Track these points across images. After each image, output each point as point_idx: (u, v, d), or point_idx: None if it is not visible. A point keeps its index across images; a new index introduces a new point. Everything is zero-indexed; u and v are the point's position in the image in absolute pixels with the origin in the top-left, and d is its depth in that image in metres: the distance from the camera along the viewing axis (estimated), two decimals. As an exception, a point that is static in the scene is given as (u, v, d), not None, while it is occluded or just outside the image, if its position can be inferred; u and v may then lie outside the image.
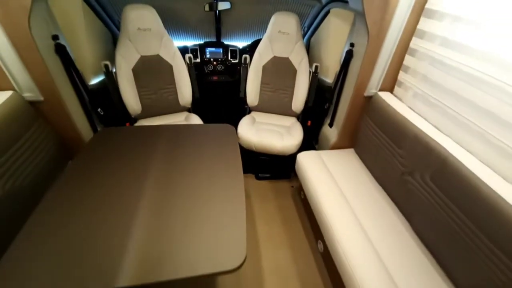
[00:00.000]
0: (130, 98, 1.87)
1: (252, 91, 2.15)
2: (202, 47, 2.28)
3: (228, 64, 2.32)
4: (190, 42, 2.46)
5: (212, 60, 2.29)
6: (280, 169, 2.21)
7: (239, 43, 2.53)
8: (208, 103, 2.32)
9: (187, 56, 2.03)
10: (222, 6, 2.10)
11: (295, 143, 1.88)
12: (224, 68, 2.31)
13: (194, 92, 2.08)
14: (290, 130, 2.04)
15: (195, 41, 2.49)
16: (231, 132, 1.53)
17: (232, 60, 2.32)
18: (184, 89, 2.03)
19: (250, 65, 2.12)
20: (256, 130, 1.99)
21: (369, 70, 1.58)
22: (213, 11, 2.16)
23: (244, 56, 2.16)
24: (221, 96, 2.42)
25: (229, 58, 2.31)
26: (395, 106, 1.49)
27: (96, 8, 1.86)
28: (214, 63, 2.29)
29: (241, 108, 2.30)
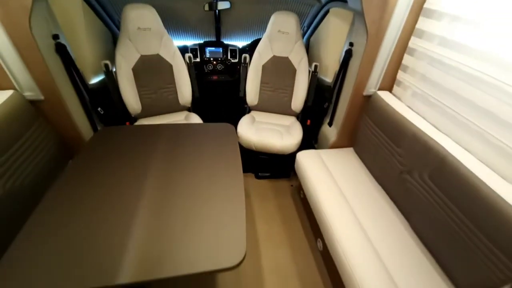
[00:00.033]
0: (130, 98, 1.87)
1: (252, 90, 2.15)
2: (202, 47, 2.28)
3: (228, 63, 2.32)
4: (190, 41, 2.46)
5: (212, 59, 2.29)
6: (279, 168, 2.22)
7: (238, 42, 2.53)
8: (208, 102, 2.32)
9: (187, 55, 2.04)
10: (222, 5, 2.10)
11: (294, 142, 1.89)
12: (223, 67, 2.32)
13: (194, 92, 2.09)
14: (290, 129, 2.05)
15: (195, 40, 2.49)
16: (231, 131, 1.54)
17: (231, 60, 2.32)
18: (184, 88, 2.03)
19: (249, 64, 2.12)
20: (255, 129, 1.99)
21: (368, 70, 1.58)
22: (212, 11, 2.17)
23: (243, 55, 2.16)
24: (220, 95, 2.42)
25: (228, 58, 2.32)
26: (394, 105, 1.50)
27: (96, 8, 1.87)
28: (214, 62, 2.29)
29: (240, 107, 2.30)
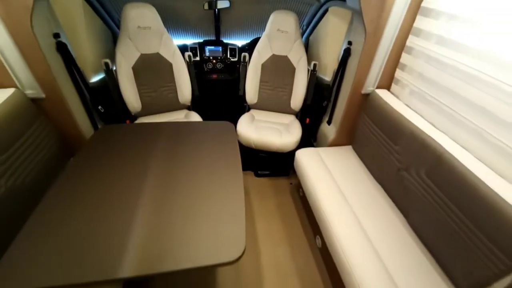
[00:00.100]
0: (130, 96, 1.88)
1: (251, 89, 2.16)
2: (202, 46, 2.29)
3: (228, 62, 2.33)
4: (189, 40, 2.47)
5: (212, 58, 2.30)
6: (279, 166, 2.23)
7: (238, 41, 2.54)
8: (208, 101, 2.33)
9: (187, 54, 2.05)
10: (221, 4, 2.11)
11: (293, 140, 1.90)
12: (223, 66, 2.33)
13: (193, 90, 2.10)
14: (289, 128, 2.06)
15: (195, 39, 2.50)
16: (230, 129, 1.55)
17: (231, 59, 2.33)
18: (184, 87, 2.04)
19: (249, 63, 2.13)
20: (255, 127, 2.00)
21: (366, 68, 1.60)
22: (212, 10, 2.18)
23: (243, 54, 2.17)
24: (220, 94, 2.43)
25: (228, 57, 2.33)
26: (392, 103, 1.51)
27: (96, 7, 1.88)
28: (214, 61, 2.30)
29: (240, 106, 2.31)
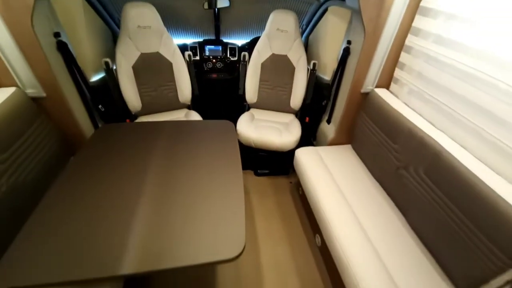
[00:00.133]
0: (131, 95, 1.89)
1: (251, 88, 2.17)
2: (202, 45, 2.29)
3: (227, 61, 2.34)
4: (189, 39, 2.48)
5: (211, 57, 2.31)
6: (278, 165, 2.24)
7: (238, 40, 2.55)
8: (208, 100, 2.34)
9: (187, 53, 2.05)
10: (221, 4, 2.11)
11: (293, 139, 1.91)
12: (223, 65, 2.33)
13: (193, 89, 2.10)
14: (289, 127, 2.07)
15: (195, 38, 2.50)
16: (230, 128, 1.55)
17: (231, 58, 2.34)
18: (184, 86, 2.05)
19: (249, 62, 2.14)
20: (255, 126, 2.01)
21: (365, 67, 1.60)
22: (212, 9, 2.18)
23: (243, 53, 2.18)
24: (220, 93, 2.44)
25: (228, 56, 2.33)
26: (391, 102, 1.52)
27: (96, 6, 1.88)
28: (213, 60, 2.31)
29: (240, 105, 2.32)
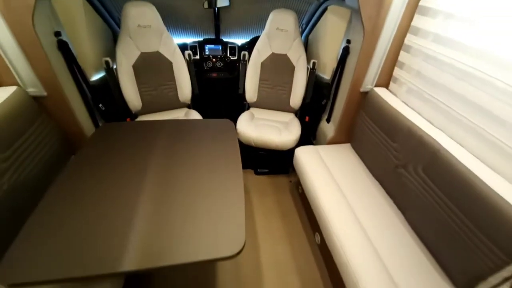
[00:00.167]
0: (131, 94, 1.89)
1: (251, 87, 2.17)
2: (201, 44, 2.30)
3: (227, 61, 2.34)
4: (189, 39, 2.48)
5: (211, 57, 2.31)
6: (278, 164, 2.25)
7: (238, 40, 2.55)
8: (208, 99, 2.34)
9: (187, 53, 2.06)
10: (221, 3, 2.12)
11: (293, 138, 1.92)
12: (223, 65, 2.34)
13: (193, 89, 2.11)
14: (288, 126, 2.07)
15: (194, 38, 2.51)
16: (230, 127, 1.56)
17: (231, 57, 2.34)
18: (184, 85, 2.05)
19: (248, 62, 2.14)
20: (255, 125, 2.02)
21: (364, 66, 1.61)
22: (212, 8, 2.19)
23: (243, 53, 2.18)
24: (220, 92, 2.45)
25: (228, 55, 2.34)
26: (390, 101, 1.53)
27: (96, 6, 1.89)
28: (213, 60, 2.32)
29: (240, 104, 2.33)
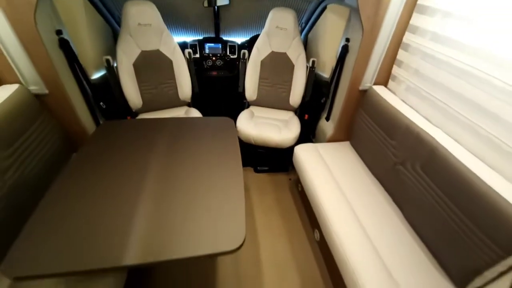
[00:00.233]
0: (131, 93, 1.90)
1: (251, 86, 2.18)
2: (201, 43, 2.31)
3: (227, 59, 2.35)
4: (189, 37, 2.49)
5: (211, 55, 2.32)
6: (278, 162, 2.26)
7: (237, 38, 2.56)
8: (208, 97, 2.36)
9: (187, 51, 2.07)
10: (221, 1, 2.13)
11: (292, 136, 1.93)
12: (223, 63, 2.35)
13: (193, 87, 2.12)
14: (288, 124, 2.09)
15: (194, 36, 2.52)
16: (230, 125, 1.57)
17: (231, 56, 2.35)
18: (184, 84, 2.06)
19: (248, 60, 2.15)
20: (254, 123, 2.03)
21: (363, 65, 1.62)
22: (212, 7, 2.19)
23: (242, 51, 2.19)
24: (220, 91, 2.46)
25: (228, 54, 2.35)
26: (389, 99, 1.54)
27: (97, 4, 1.90)
28: (213, 58, 2.33)
29: (239, 102, 2.34)
